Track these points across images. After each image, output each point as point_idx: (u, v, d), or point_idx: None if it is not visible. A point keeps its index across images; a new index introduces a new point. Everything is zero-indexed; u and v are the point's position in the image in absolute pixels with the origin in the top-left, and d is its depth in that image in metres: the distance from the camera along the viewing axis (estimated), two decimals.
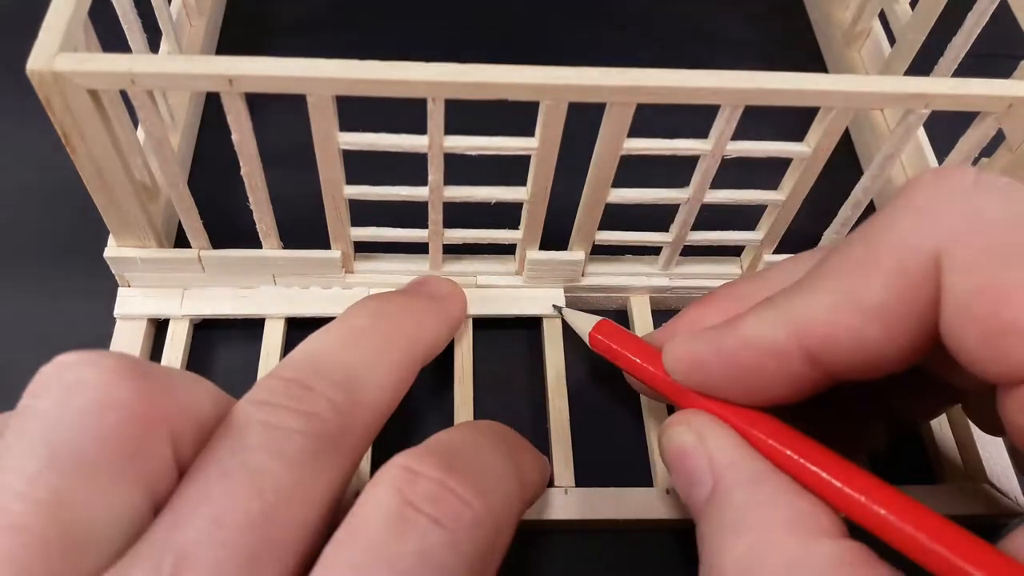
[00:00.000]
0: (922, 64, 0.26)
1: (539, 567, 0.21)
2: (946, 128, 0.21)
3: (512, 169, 0.21)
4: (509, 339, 0.25)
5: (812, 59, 0.32)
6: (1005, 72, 0.22)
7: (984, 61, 0.24)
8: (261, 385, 0.16)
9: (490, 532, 0.15)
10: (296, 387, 0.16)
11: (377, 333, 0.19)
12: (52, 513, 0.12)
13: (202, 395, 0.15)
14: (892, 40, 0.28)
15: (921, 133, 0.26)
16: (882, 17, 0.29)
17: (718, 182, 0.21)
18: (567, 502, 0.21)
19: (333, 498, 0.16)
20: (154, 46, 0.25)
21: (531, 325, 0.24)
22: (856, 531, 0.15)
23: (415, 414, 0.23)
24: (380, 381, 0.17)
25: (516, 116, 0.19)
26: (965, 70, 0.22)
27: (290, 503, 0.14)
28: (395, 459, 0.15)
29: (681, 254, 0.24)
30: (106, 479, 0.13)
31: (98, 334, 0.23)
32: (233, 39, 0.31)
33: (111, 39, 0.21)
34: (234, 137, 0.19)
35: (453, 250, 0.24)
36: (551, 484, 0.21)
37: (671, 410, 0.22)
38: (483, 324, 0.24)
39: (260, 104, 0.19)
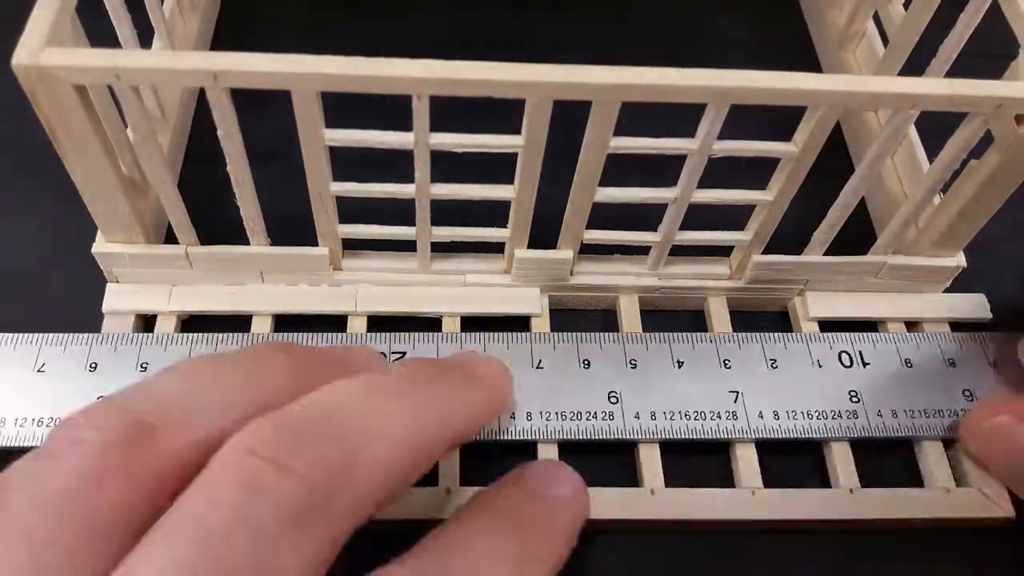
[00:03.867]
0: (916, 65, 0.26)
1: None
2: (941, 128, 0.21)
3: (502, 167, 0.21)
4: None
5: (806, 60, 0.32)
6: (1000, 72, 0.22)
7: (979, 61, 0.24)
8: (252, 427, 0.14)
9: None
10: (288, 436, 0.14)
11: (404, 399, 0.16)
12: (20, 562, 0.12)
13: (205, 419, 0.14)
14: (886, 41, 0.28)
15: (913, 134, 0.26)
16: (876, 18, 0.29)
17: (710, 182, 0.21)
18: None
19: (315, 572, 0.14)
20: (147, 44, 0.25)
21: (519, 324, 0.24)
22: None
23: None
24: (393, 447, 0.15)
25: (507, 114, 0.19)
26: (959, 70, 0.22)
27: None
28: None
29: (670, 254, 0.24)
30: (71, 543, 0.13)
31: (86, 329, 0.23)
32: (226, 37, 0.31)
33: (107, 38, 0.21)
34: (220, 133, 0.19)
35: (441, 248, 0.24)
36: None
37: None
38: (471, 323, 0.24)
39: (251, 101, 0.19)
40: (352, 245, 0.24)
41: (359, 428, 0.15)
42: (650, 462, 0.22)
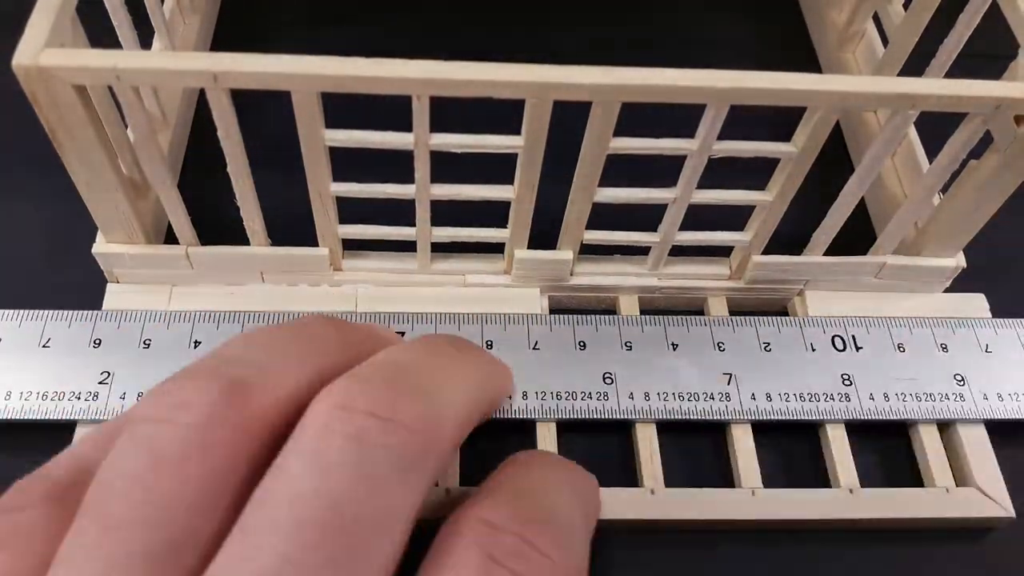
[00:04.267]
0: (916, 65, 0.26)
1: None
2: (941, 129, 0.21)
3: (502, 168, 0.21)
4: None
5: (806, 61, 0.32)
6: (1000, 72, 0.22)
7: (979, 61, 0.24)
8: (341, 386, 0.15)
9: None
10: (381, 392, 0.14)
11: (455, 355, 0.18)
12: (149, 519, 0.13)
13: (287, 380, 0.15)
14: (886, 42, 0.28)
15: (913, 134, 0.26)
16: (876, 19, 0.29)
17: (711, 182, 0.21)
18: None
19: (412, 519, 0.14)
20: (148, 45, 0.25)
21: None
22: None
23: None
24: (464, 399, 0.16)
25: (507, 115, 0.19)
26: (960, 71, 0.22)
27: (375, 533, 0.13)
28: (472, 511, 0.15)
29: (670, 254, 0.24)
30: (196, 500, 0.13)
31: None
32: (227, 38, 0.31)
33: (108, 39, 0.21)
34: (220, 133, 0.19)
35: (441, 248, 0.24)
36: None
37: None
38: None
39: (251, 101, 0.19)
40: (352, 245, 0.24)
41: (434, 382, 0.16)
42: (649, 463, 0.22)
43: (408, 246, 0.23)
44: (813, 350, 0.23)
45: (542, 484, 0.17)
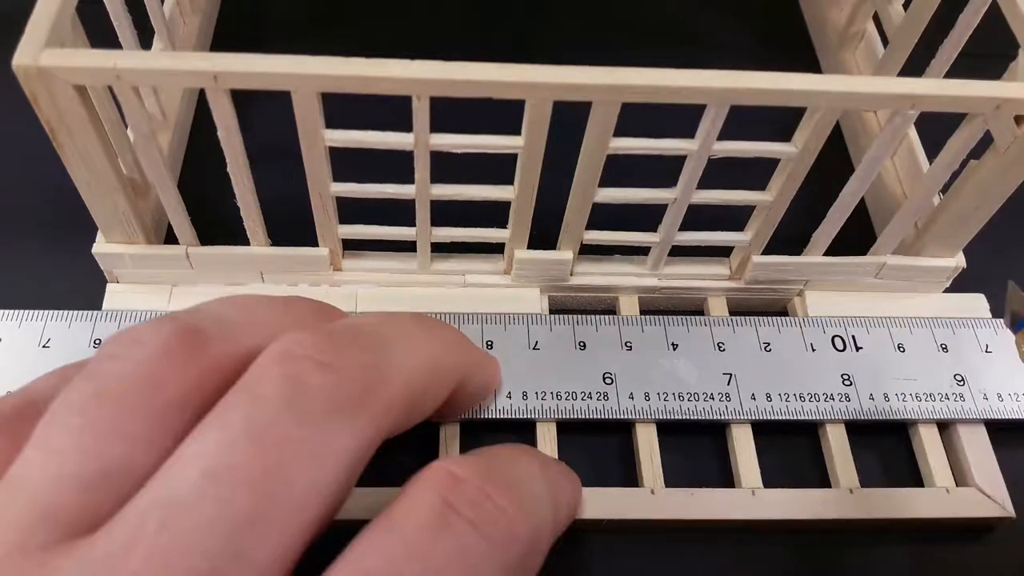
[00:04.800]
0: (916, 65, 0.26)
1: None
2: (941, 129, 0.21)
3: (502, 168, 0.21)
4: None
5: (807, 61, 0.32)
6: (999, 73, 0.22)
7: (979, 62, 0.24)
8: (289, 336, 0.15)
9: (524, 548, 0.15)
10: (325, 341, 0.15)
11: (415, 326, 0.18)
12: (87, 447, 0.13)
13: (248, 338, 0.15)
14: (886, 42, 0.28)
15: (913, 135, 0.26)
16: (876, 19, 0.29)
17: (711, 183, 0.21)
18: None
19: (350, 466, 0.15)
20: (148, 46, 0.25)
21: None
22: None
23: None
24: (416, 363, 0.17)
25: (507, 115, 0.19)
26: (960, 71, 0.22)
27: (298, 461, 0.14)
28: (438, 462, 0.15)
29: (670, 254, 0.24)
30: (134, 431, 0.14)
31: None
32: (227, 38, 0.31)
33: (107, 39, 0.21)
34: (220, 133, 0.19)
35: (441, 249, 0.24)
36: None
37: None
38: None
39: (251, 101, 0.19)
40: (352, 245, 0.24)
41: (384, 343, 0.16)
42: (649, 464, 0.22)
43: (408, 246, 0.23)
44: (813, 350, 0.23)
45: (516, 461, 0.17)
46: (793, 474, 0.23)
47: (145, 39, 0.24)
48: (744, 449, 0.22)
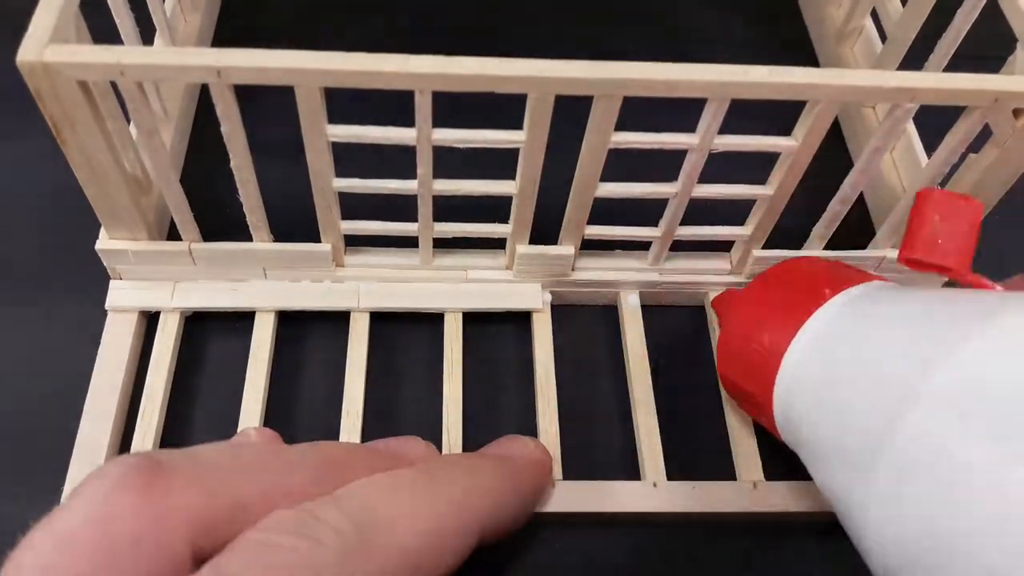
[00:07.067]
0: (914, 62, 0.26)
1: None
2: (940, 124, 0.21)
3: (504, 163, 0.21)
4: (499, 333, 0.25)
5: (806, 57, 0.32)
6: (996, 70, 0.22)
7: (975, 62, 0.24)
8: (275, 515, 0.15)
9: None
10: (306, 516, 0.15)
11: (418, 484, 0.17)
12: None
13: (212, 480, 0.15)
14: (884, 37, 0.28)
15: (912, 129, 0.26)
16: (874, 15, 0.29)
17: (711, 177, 0.21)
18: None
19: None
20: (149, 42, 0.25)
21: (521, 319, 0.25)
22: None
23: (404, 409, 0.23)
24: (413, 527, 0.16)
25: (509, 110, 0.20)
26: (957, 68, 0.22)
27: None
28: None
29: (671, 249, 0.24)
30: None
31: (89, 326, 0.23)
32: (228, 34, 0.31)
33: (108, 39, 0.21)
34: (223, 129, 0.19)
35: (444, 244, 0.24)
36: None
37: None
38: (473, 318, 0.24)
39: (254, 97, 0.19)
40: (355, 241, 0.24)
41: (374, 514, 0.16)
42: (651, 457, 0.22)
43: (410, 241, 0.23)
44: None
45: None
46: (795, 467, 0.23)
47: (146, 38, 0.24)
48: (745, 443, 0.22)
